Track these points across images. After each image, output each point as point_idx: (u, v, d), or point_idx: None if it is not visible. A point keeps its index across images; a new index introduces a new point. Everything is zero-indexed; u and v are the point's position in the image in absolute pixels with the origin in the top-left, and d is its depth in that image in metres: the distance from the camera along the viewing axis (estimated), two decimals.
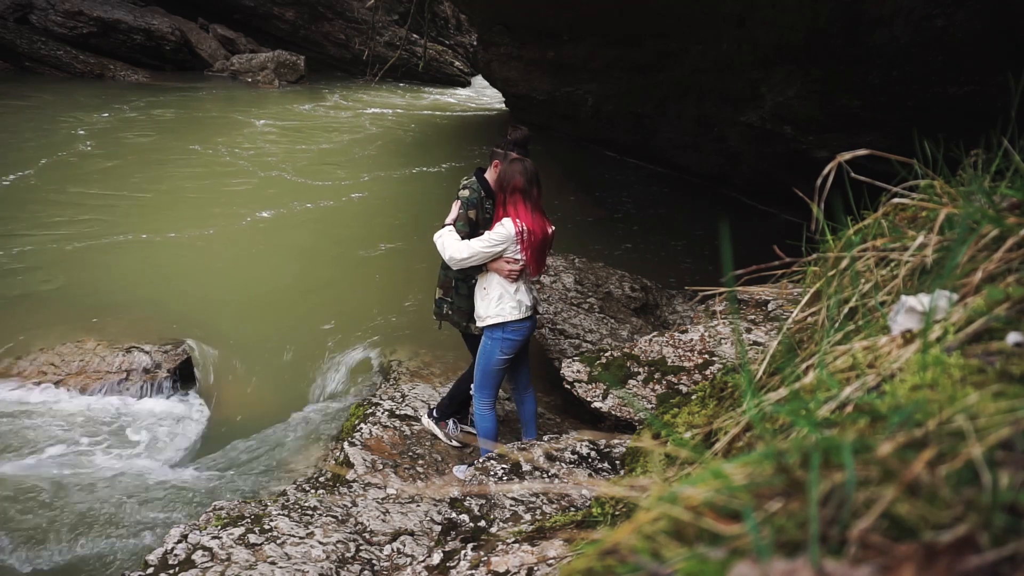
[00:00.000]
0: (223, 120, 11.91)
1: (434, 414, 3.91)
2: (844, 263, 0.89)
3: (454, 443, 3.81)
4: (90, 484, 3.70)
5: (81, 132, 10.12)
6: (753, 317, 4.11)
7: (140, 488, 3.69)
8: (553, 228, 3.37)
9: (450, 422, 3.86)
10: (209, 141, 10.47)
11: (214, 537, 2.45)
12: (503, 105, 14.70)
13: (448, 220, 3.39)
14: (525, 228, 3.15)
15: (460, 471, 3.60)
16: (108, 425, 4.22)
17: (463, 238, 3.29)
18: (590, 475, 2.90)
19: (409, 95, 17.06)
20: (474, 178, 3.51)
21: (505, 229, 3.15)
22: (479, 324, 3.36)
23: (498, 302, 3.27)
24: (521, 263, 3.21)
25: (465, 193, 3.43)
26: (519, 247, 3.17)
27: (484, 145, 11.02)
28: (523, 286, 3.29)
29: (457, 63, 20.43)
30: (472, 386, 3.55)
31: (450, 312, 3.62)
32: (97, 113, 11.42)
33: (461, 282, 3.52)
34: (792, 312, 1.00)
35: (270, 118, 12.49)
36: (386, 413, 3.99)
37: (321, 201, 8.16)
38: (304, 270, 6.29)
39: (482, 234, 3.24)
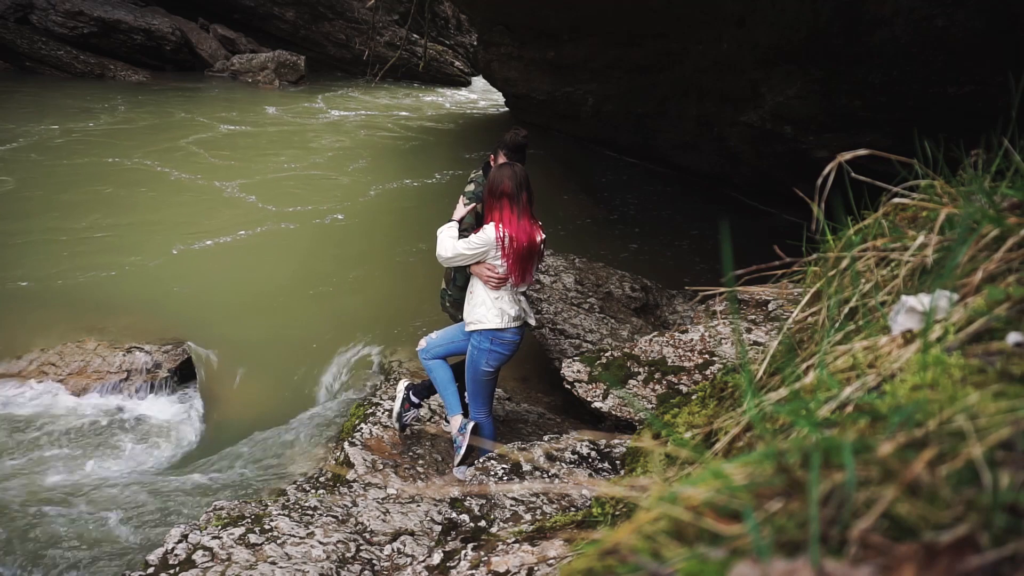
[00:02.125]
0: (223, 122, 11.91)
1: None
2: (844, 263, 0.89)
3: (459, 446, 3.65)
4: (90, 484, 3.70)
5: (80, 130, 10.12)
6: (753, 317, 4.11)
7: (140, 488, 3.69)
8: (543, 236, 3.28)
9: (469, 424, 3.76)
10: (210, 142, 10.47)
11: (214, 537, 2.45)
12: (504, 105, 14.70)
13: (455, 216, 3.34)
14: (507, 235, 3.06)
15: (460, 471, 3.59)
16: (108, 425, 4.22)
17: (466, 231, 3.27)
18: (590, 475, 2.90)
19: (409, 95, 17.07)
20: (481, 172, 3.51)
21: (485, 235, 3.08)
22: (466, 328, 3.33)
23: (479, 307, 3.22)
24: (501, 273, 3.13)
25: (471, 188, 3.43)
26: (499, 253, 3.10)
27: (483, 145, 11.02)
28: (506, 295, 3.20)
29: (457, 63, 20.43)
30: (466, 393, 3.53)
31: (448, 304, 3.65)
32: (95, 111, 11.43)
33: (459, 274, 3.52)
34: (792, 312, 1.00)
35: (270, 119, 12.49)
36: (386, 413, 3.99)
37: (321, 203, 8.16)
38: (304, 271, 6.30)
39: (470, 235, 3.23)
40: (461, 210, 3.37)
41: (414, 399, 3.72)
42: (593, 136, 11.77)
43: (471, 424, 3.46)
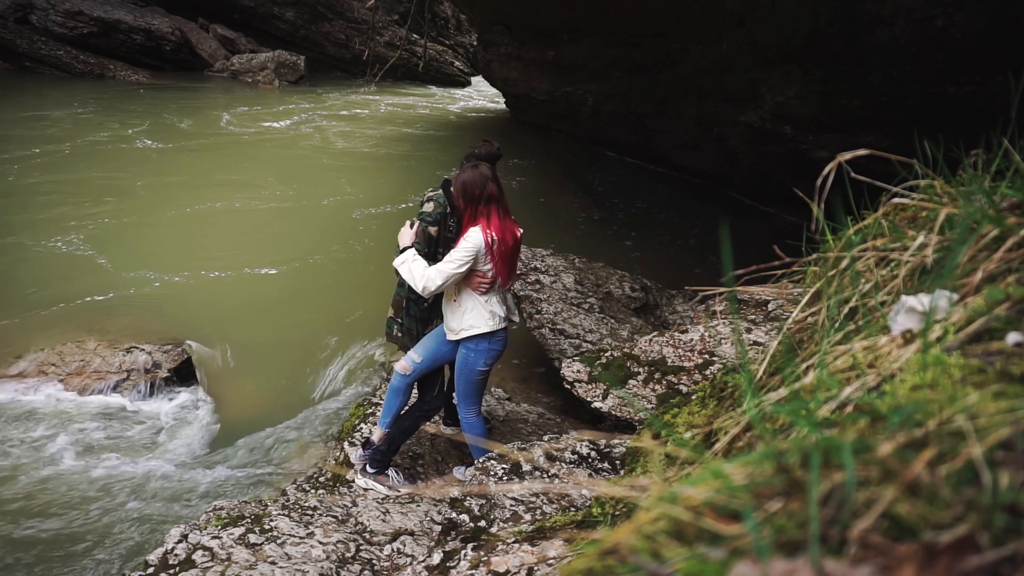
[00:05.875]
0: (225, 120, 11.91)
1: (368, 469, 3.45)
2: (844, 263, 0.89)
3: (402, 491, 3.34)
4: (90, 484, 3.70)
5: (82, 128, 10.13)
6: (753, 317, 4.11)
7: (140, 488, 3.69)
8: (521, 231, 3.24)
9: (391, 471, 3.46)
10: (212, 141, 10.47)
11: (214, 537, 2.45)
12: (504, 105, 14.70)
13: (405, 243, 3.15)
14: (495, 238, 3.02)
15: (460, 471, 3.59)
16: (108, 425, 4.22)
17: (432, 253, 3.12)
18: (590, 475, 2.90)
19: (409, 95, 17.07)
20: (440, 191, 3.25)
21: (473, 240, 2.99)
22: (450, 337, 3.22)
23: (469, 312, 3.13)
24: (490, 276, 3.09)
25: (429, 207, 3.18)
26: (488, 257, 3.04)
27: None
28: (495, 297, 3.16)
29: (457, 63, 20.45)
30: (455, 396, 3.46)
31: (399, 334, 3.38)
32: (99, 108, 11.43)
33: (413, 303, 3.29)
34: (792, 312, 1.00)
35: (268, 119, 12.49)
36: None
37: (322, 202, 8.16)
38: (304, 271, 6.30)
39: (444, 254, 3.07)
40: (408, 234, 3.18)
41: (371, 469, 3.46)
42: (593, 136, 11.77)
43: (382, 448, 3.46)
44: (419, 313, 3.33)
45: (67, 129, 10.18)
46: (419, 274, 3.02)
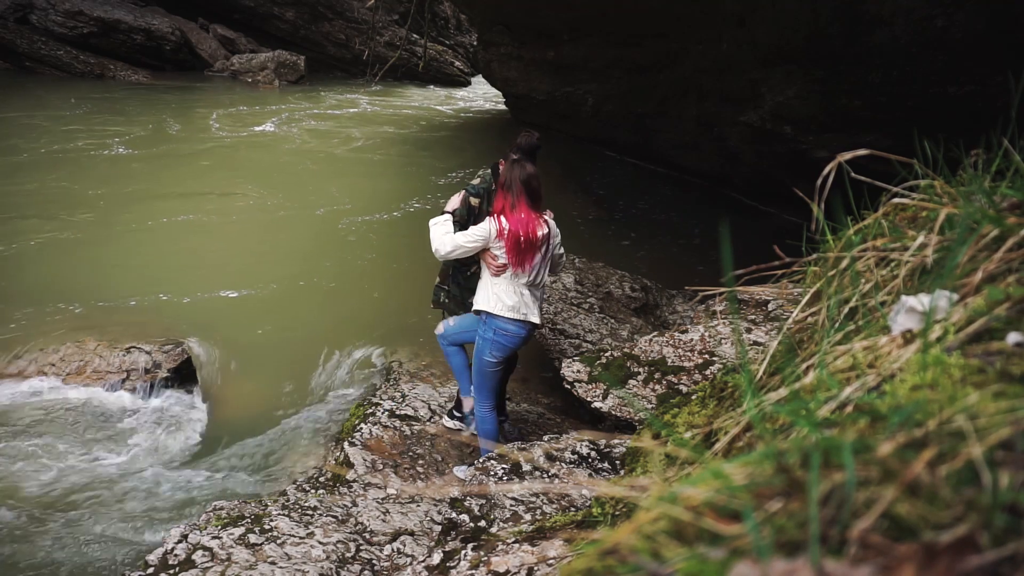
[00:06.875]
0: (228, 121, 11.91)
1: (455, 413, 3.91)
2: (844, 263, 0.89)
3: (469, 423, 3.78)
4: (90, 484, 3.69)
5: (81, 129, 10.13)
6: (753, 317, 4.12)
7: (140, 488, 3.69)
8: (547, 231, 3.33)
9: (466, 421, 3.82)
10: (215, 141, 10.46)
11: (214, 537, 2.45)
12: (504, 105, 14.70)
13: (448, 208, 3.44)
14: (508, 228, 3.18)
15: (460, 471, 3.59)
16: (108, 425, 4.22)
17: (458, 222, 3.36)
18: (590, 475, 2.90)
19: (409, 95, 17.07)
20: (490, 170, 3.60)
21: (485, 227, 3.21)
22: (472, 309, 3.44)
23: (480, 290, 3.35)
24: (501, 261, 3.24)
25: (475, 181, 3.54)
26: (501, 243, 3.21)
27: (483, 145, 11.02)
28: (504, 284, 3.27)
29: (457, 63, 20.45)
30: (472, 386, 3.57)
31: (446, 300, 3.70)
32: (100, 112, 11.43)
33: (458, 271, 3.58)
34: (792, 312, 1.00)
35: (269, 119, 12.49)
36: (386, 413, 3.99)
37: (323, 202, 8.16)
38: (305, 271, 6.29)
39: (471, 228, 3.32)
40: (455, 201, 3.46)
41: (460, 412, 3.87)
42: (593, 136, 11.77)
43: None
44: (463, 280, 3.62)
45: (66, 130, 10.18)
46: (438, 236, 3.29)
